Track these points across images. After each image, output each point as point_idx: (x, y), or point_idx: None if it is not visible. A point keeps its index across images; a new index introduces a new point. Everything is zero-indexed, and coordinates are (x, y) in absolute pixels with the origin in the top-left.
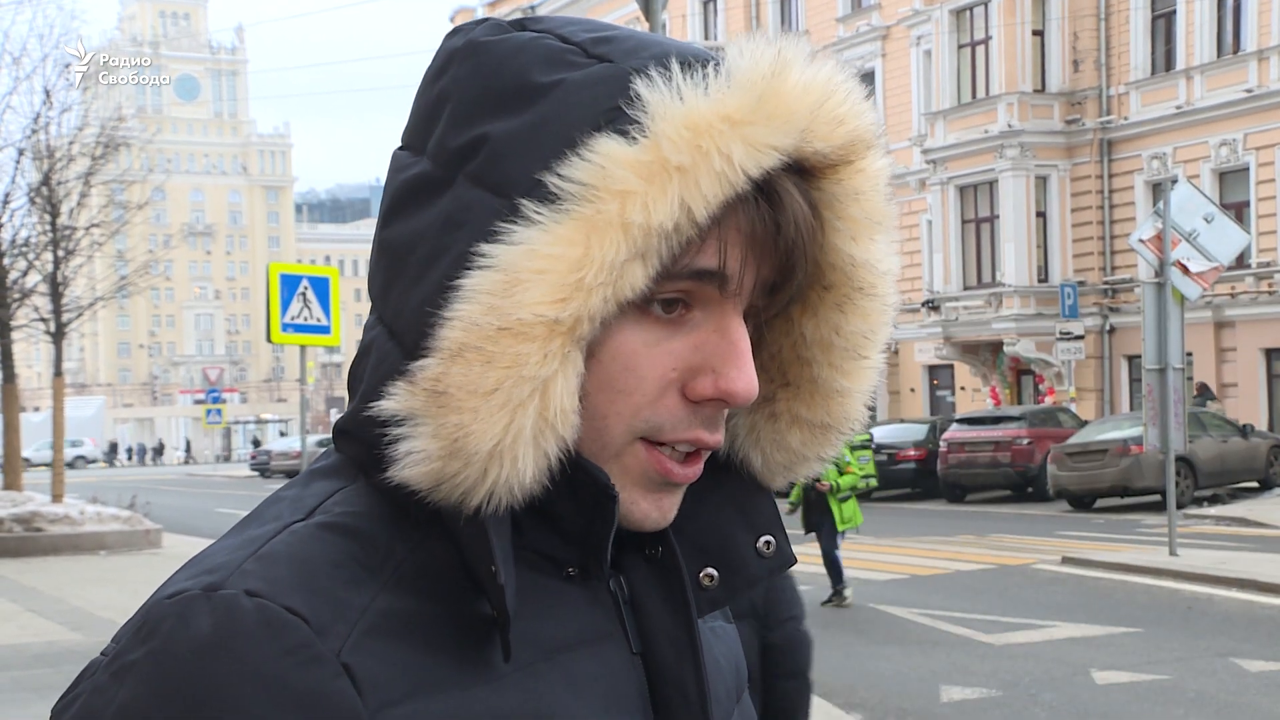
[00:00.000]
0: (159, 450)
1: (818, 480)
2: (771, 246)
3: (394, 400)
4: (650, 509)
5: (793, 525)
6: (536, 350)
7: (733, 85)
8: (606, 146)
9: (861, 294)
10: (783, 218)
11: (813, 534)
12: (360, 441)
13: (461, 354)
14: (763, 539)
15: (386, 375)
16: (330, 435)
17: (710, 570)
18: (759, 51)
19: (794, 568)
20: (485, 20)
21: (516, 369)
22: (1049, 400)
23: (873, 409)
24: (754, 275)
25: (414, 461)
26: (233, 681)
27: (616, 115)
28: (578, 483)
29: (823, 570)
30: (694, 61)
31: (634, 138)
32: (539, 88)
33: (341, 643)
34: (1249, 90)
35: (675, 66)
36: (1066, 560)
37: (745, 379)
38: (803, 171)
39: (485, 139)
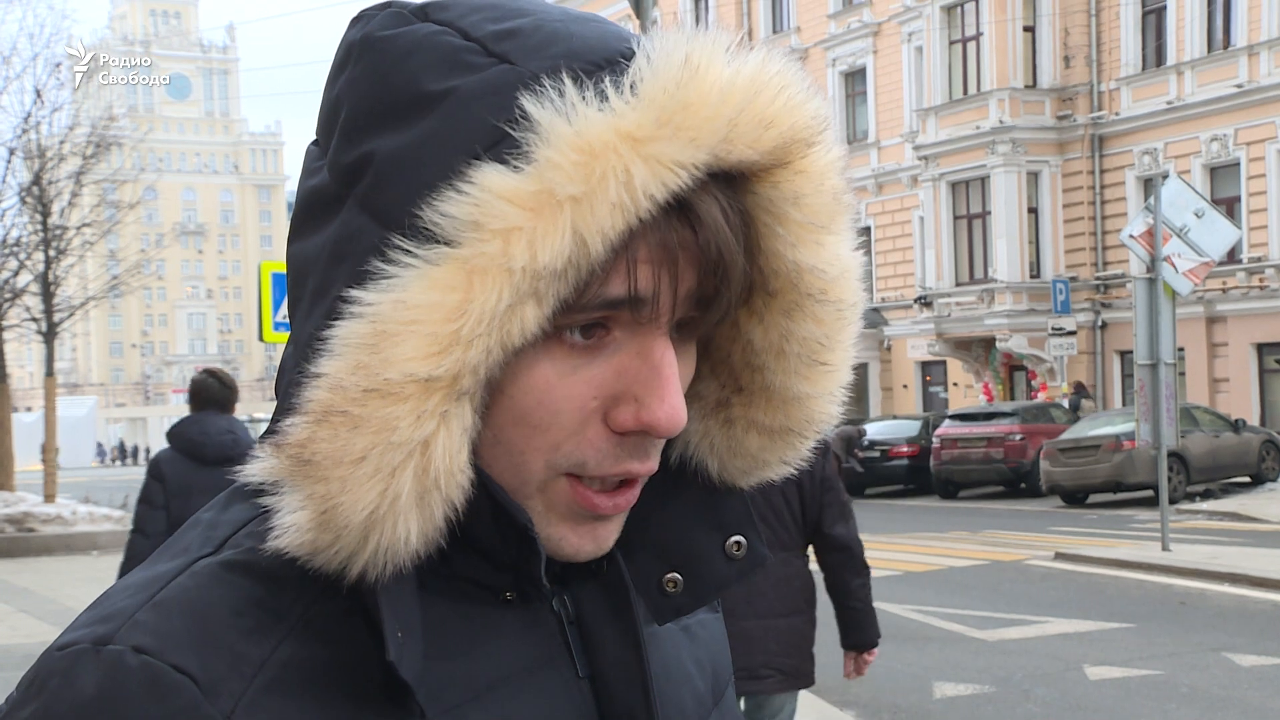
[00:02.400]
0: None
1: None
2: (691, 259)
3: (261, 465)
4: (582, 542)
5: None
6: (409, 412)
7: (637, 96)
8: (487, 177)
9: (812, 300)
10: (700, 235)
11: None
12: None
13: (327, 418)
14: (732, 539)
15: (285, 411)
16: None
17: (674, 575)
18: (667, 54)
19: None
20: (388, 6)
21: (385, 434)
22: (1041, 396)
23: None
24: (672, 295)
25: (285, 532)
26: None
27: (501, 137)
28: (499, 520)
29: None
30: (595, 68)
31: (518, 166)
32: (428, 98)
33: (235, 702)
34: (1239, 85)
35: (568, 79)
36: (1059, 556)
37: (668, 409)
38: (731, 176)
39: (371, 158)
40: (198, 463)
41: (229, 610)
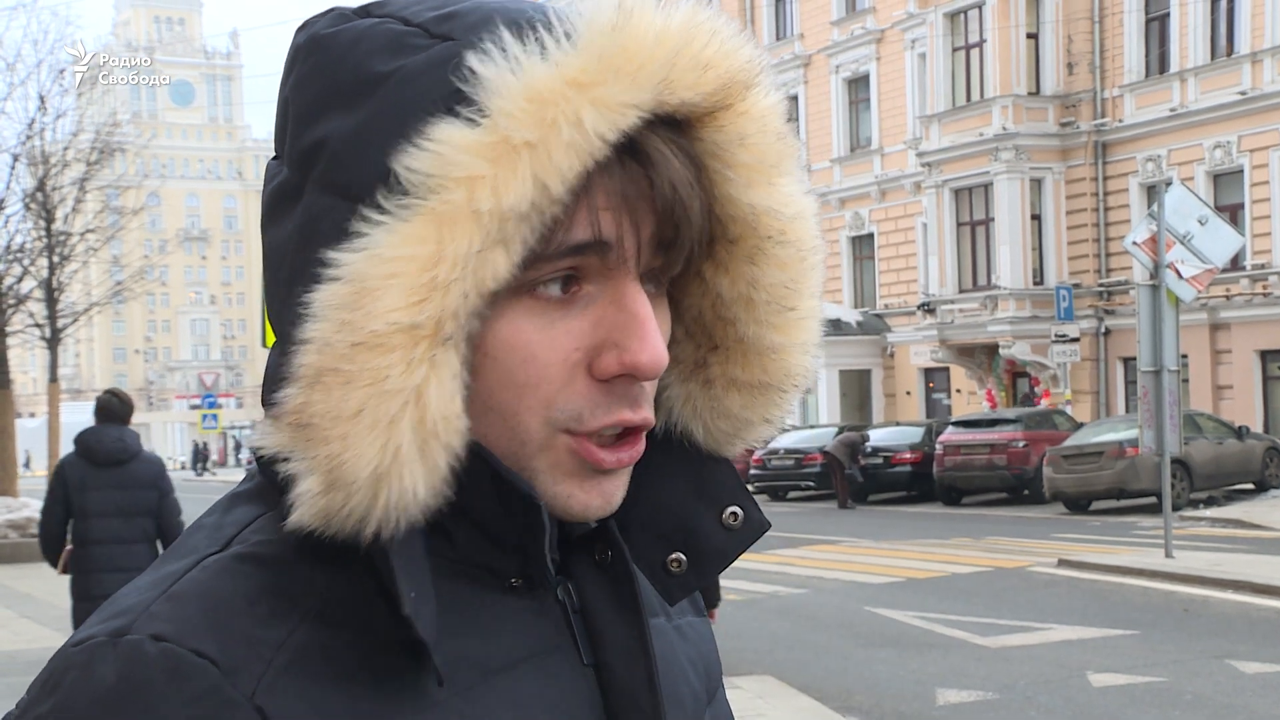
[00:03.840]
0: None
1: None
2: (649, 205)
3: (265, 438)
4: (590, 498)
5: None
6: (398, 360)
7: (575, 45)
8: (444, 132)
9: (771, 242)
10: (654, 176)
11: None
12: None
13: (320, 379)
14: (728, 511)
15: (270, 400)
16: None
17: (677, 555)
18: (599, 3)
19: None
20: (330, 10)
21: (378, 385)
22: (1044, 402)
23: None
24: (636, 239)
25: (300, 502)
26: None
27: (455, 97)
28: (501, 492)
29: (814, 574)
30: (534, 25)
31: (473, 119)
32: (376, 79)
33: (255, 683)
34: (1243, 92)
35: (508, 35)
36: (1062, 563)
37: (650, 349)
38: (678, 123)
39: (325, 141)
40: (92, 463)
41: (243, 598)
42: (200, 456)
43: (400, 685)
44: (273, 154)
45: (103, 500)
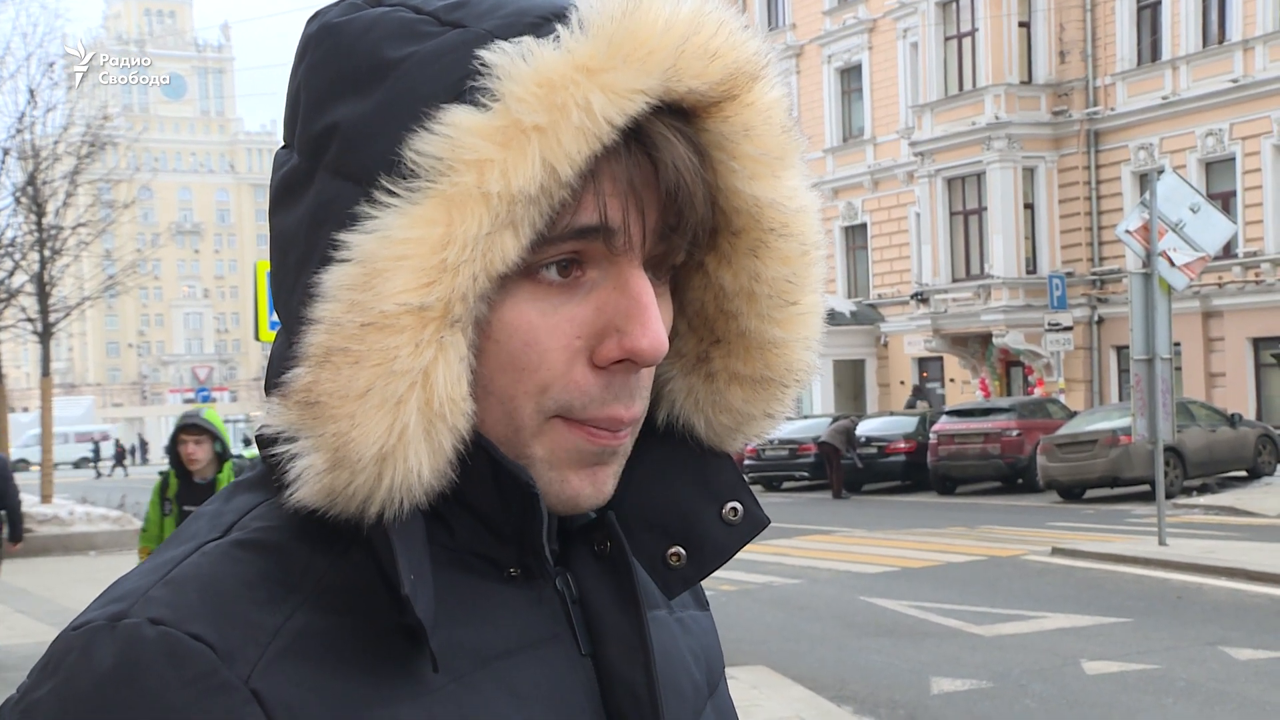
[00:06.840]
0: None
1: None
2: (654, 193)
3: (271, 416)
4: (582, 485)
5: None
6: (407, 341)
7: (586, 33)
8: (455, 116)
9: (775, 235)
10: (659, 159)
11: None
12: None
13: (329, 358)
14: (728, 506)
15: (274, 385)
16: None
17: (677, 549)
18: None
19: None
20: (341, 1)
21: (387, 365)
22: (1038, 391)
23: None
24: (641, 225)
25: (304, 480)
26: (136, 715)
27: (466, 82)
28: (500, 481)
29: (808, 564)
30: (546, 17)
31: (484, 104)
32: (388, 65)
33: (251, 668)
34: (1234, 80)
35: (523, 24)
36: (1056, 551)
37: (650, 334)
38: (685, 113)
39: (336, 127)
40: None
41: (242, 583)
42: (96, 454)
43: (397, 671)
44: (280, 144)
45: None
